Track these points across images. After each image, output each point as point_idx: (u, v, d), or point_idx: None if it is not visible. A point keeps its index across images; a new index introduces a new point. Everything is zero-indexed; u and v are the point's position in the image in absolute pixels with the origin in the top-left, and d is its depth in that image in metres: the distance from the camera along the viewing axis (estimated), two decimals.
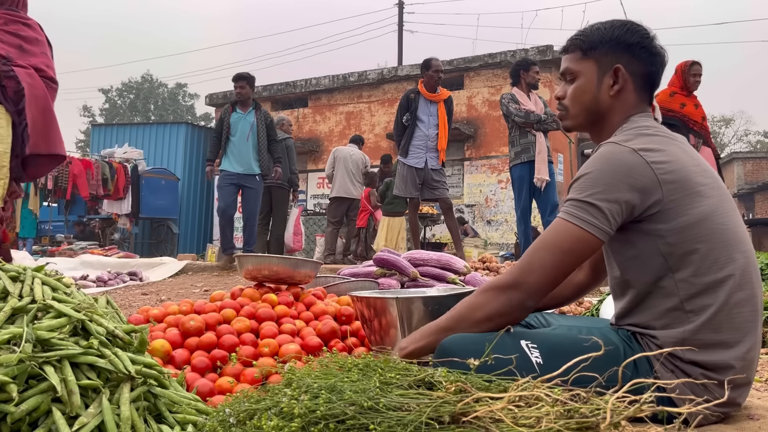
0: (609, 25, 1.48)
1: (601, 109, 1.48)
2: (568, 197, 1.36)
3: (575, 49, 1.50)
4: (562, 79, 1.55)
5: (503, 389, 1.02)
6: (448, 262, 3.21)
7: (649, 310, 1.36)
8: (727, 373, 1.27)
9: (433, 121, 5.86)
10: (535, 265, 1.34)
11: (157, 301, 4.68)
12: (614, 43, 1.45)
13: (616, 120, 1.47)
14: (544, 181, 5.47)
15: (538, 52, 12.34)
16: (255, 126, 6.13)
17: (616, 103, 1.47)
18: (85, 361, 1.12)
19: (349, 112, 14.84)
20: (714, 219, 1.30)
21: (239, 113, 6.17)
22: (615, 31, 1.46)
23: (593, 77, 1.48)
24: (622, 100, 1.46)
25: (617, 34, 1.45)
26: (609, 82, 1.46)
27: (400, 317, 1.72)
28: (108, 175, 11.60)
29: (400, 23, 20.06)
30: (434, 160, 5.85)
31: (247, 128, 6.10)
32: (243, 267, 2.32)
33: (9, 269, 1.33)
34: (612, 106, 1.47)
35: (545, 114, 5.50)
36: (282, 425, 0.95)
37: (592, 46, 1.47)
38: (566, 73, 1.53)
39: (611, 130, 1.47)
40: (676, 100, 5.64)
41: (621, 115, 1.47)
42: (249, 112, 6.18)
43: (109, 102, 38.50)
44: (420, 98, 5.87)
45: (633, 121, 1.44)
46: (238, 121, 6.14)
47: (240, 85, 6.10)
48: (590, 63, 1.48)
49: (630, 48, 1.45)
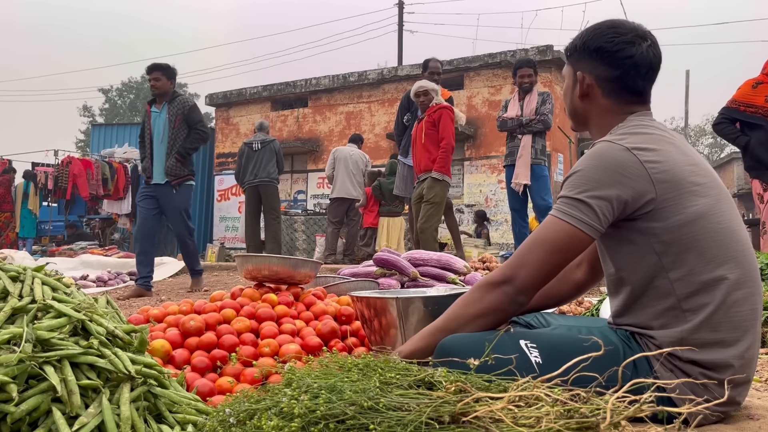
0: (585, 31, 1.50)
1: (578, 113, 1.54)
2: (560, 194, 1.37)
3: (566, 53, 1.56)
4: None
5: (503, 389, 1.02)
6: (448, 262, 3.21)
7: (645, 309, 1.36)
8: (726, 372, 1.27)
9: None
10: (525, 261, 1.35)
11: (157, 301, 4.68)
12: (582, 49, 1.48)
13: (597, 122, 1.50)
14: (521, 185, 5.52)
15: (538, 52, 12.33)
16: (167, 124, 5.04)
17: (589, 107, 1.50)
18: (85, 361, 1.13)
19: (349, 112, 14.83)
20: (710, 218, 1.31)
21: (155, 111, 5.14)
22: (584, 36, 1.48)
23: (570, 82, 1.53)
24: (593, 104, 1.49)
25: (584, 40, 1.48)
26: (578, 88, 1.50)
27: (400, 317, 1.72)
28: (108, 175, 11.61)
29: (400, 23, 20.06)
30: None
31: (161, 128, 5.07)
32: (243, 267, 2.32)
33: (9, 269, 1.33)
34: (587, 110, 1.51)
35: (537, 114, 5.50)
36: (282, 425, 0.95)
37: (569, 52, 1.53)
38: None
39: (600, 130, 1.48)
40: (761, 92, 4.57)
41: (600, 118, 1.49)
42: (162, 108, 5.08)
43: (109, 102, 38.52)
44: None
45: (630, 119, 1.44)
46: (155, 121, 5.11)
47: (154, 77, 5.04)
48: (569, 68, 1.54)
49: (594, 53, 1.46)
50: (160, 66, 5.08)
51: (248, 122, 15.90)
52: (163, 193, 5.00)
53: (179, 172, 4.99)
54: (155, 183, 5.01)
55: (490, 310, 1.37)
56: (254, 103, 16.00)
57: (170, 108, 5.02)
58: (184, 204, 5.07)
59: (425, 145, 5.30)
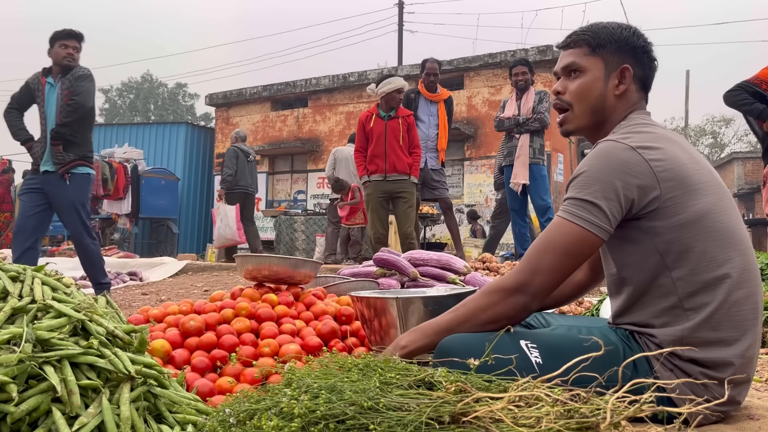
0: (616, 26, 1.49)
1: (605, 108, 1.47)
2: (567, 195, 1.36)
3: (582, 44, 1.49)
4: (561, 73, 1.53)
5: (503, 389, 1.02)
6: (448, 262, 3.21)
7: (647, 308, 1.36)
8: (726, 371, 1.27)
9: (434, 121, 5.85)
10: (539, 266, 1.33)
11: (157, 301, 4.68)
12: (622, 44, 1.46)
13: (617, 120, 1.47)
14: (519, 185, 5.53)
15: (538, 52, 12.33)
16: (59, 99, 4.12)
17: (619, 103, 1.47)
18: (85, 361, 1.12)
19: (349, 112, 14.83)
20: (712, 217, 1.31)
21: (51, 83, 4.18)
22: (623, 32, 1.47)
23: (600, 74, 1.47)
24: (625, 100, 1.47)
25: (626, 35, 1.47)
26: (615, 82, 1.46)
27: (400, 317, 1.72)
28: (108, 175, 11.60)
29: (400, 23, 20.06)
30: (434, 160, 5.85)
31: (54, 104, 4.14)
32: (243, 267, 2.32)
33: (9, 269, 1.33)
34: (615, 106, 1.47)
35: (534, 113, 5.50)
36: (282, 425, 0.95)
37: (601, 44, 1.47)
38: (570, 68, 1.50)
39: (610, 128, 1.47)
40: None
41: (622, 116, 1.47)
42: (58, 79, 4.16)
43: (109, 102, 38.54)
44: (420, 98, 5.87)
45: (631, 118, 1.44)
46: (49, 95, 4.17)
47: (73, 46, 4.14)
48: (597, 60, 1.47)
49: (635, 51, 1.46)
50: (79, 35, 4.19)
51: (248, 122, 15.90)
52: (49, 183, 4.09)
53: (63, 158, 4.07)
54: (43, 171, 4.08)
55: (504, 316, 1.36)
56: (254, 103, 16.00)
57: (64, 81, 4.13)
58: (80, 198, 4.19)
59: (402, 147, 5.24)
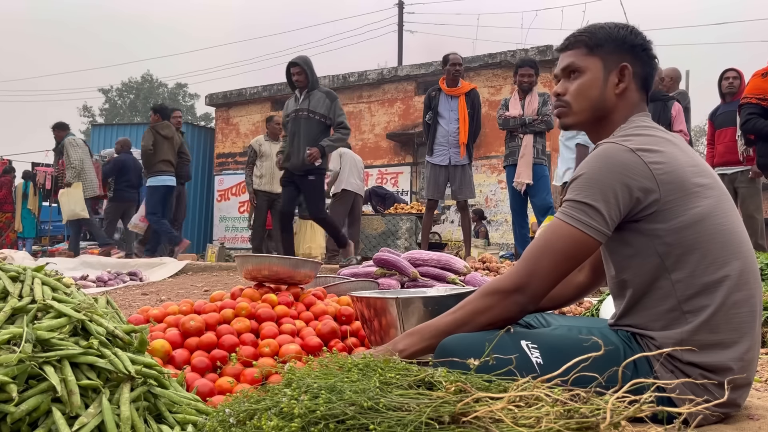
0: (614, 26, 1.49)
1: (606, 106, 1.48)
2: (566, 197, 1.36)
3: (579, 45, 1.50)
4: (561, 75, 1.54)
5: (503, 389, 1.02)
6: (448, 262, 3.21)
7: (646, 311, 1.36)
8: (725, 375, 1.26)
9: (454, 115, 5.79)
10: (536, 269, 1.34)
11: (157, 301, 4.68)
12: (620, 43, 1.47)
13: (618, 118, 1.47)
14: (523, 185, 5.52)
15: (538, 52, 12.33)
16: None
17: (620, 102, 1.47)
18: (85, 361, 1.12)
19: (349, 112, 14.81)
20: (712, 219, 1.30)
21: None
22: (621, 31, 1.48)
23: (599, 74, 1.47)
24: (625, 98, 1.47)
25: (623, 34, 1.47)
26: (614, 81, 1.46)
27: (400, 317, 1.72)
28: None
29: (400, 23, 20.06)
30: (457, 155, 5.79)
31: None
32: (243, 267, 2.32)
33: (9, 269, 1.33)
34: (616, 104, 1.47)
35: (539, 114, 5.51)
36: (282, 425, 0.95)
37: (598, 44, 1.47)
38: (569, 69, 1.51)
39: (611, 129, 1.46)
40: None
41: (623, 114, 1.47)
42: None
43: (109, 102, 38.52)
44: (440, 95, 5.86)
45: (631, 121, 1.44)
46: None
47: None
48: (596, 60, 1.48)
49: (634, 49, 1.47)
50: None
51: (248, 122, 15.89)
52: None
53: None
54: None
55: (501, 318, 1.37)
56: (254, 103, 15.99)
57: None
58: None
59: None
